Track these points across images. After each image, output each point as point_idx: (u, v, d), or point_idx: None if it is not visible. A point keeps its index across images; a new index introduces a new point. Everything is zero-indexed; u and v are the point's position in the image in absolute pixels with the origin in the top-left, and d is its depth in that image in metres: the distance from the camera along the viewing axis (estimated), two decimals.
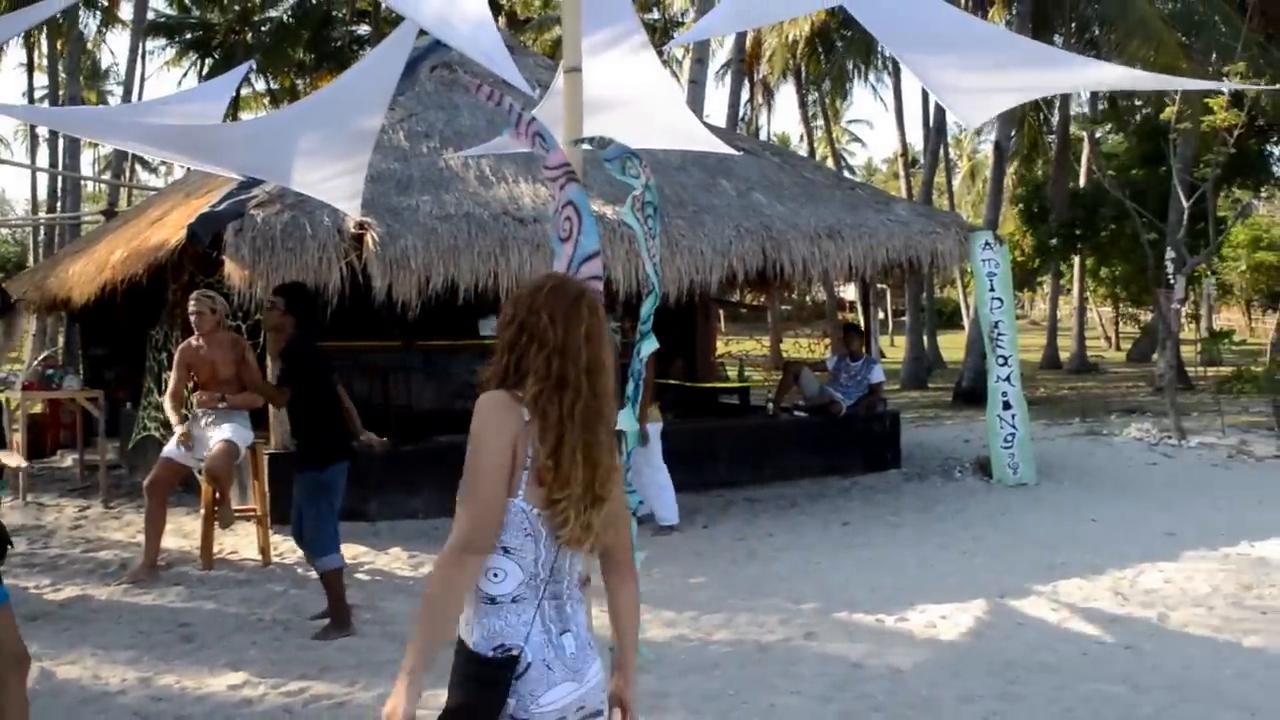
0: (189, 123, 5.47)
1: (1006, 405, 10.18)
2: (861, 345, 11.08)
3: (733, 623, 5.85)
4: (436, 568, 2.20)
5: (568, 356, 2.21)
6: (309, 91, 28.43)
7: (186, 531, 7.91)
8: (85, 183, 32.43)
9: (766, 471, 10.06)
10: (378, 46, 5.32)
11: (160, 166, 38.81)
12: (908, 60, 4.49)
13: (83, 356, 14.13)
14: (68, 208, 21.80)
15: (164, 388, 7.69)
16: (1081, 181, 26.91)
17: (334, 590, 5.69)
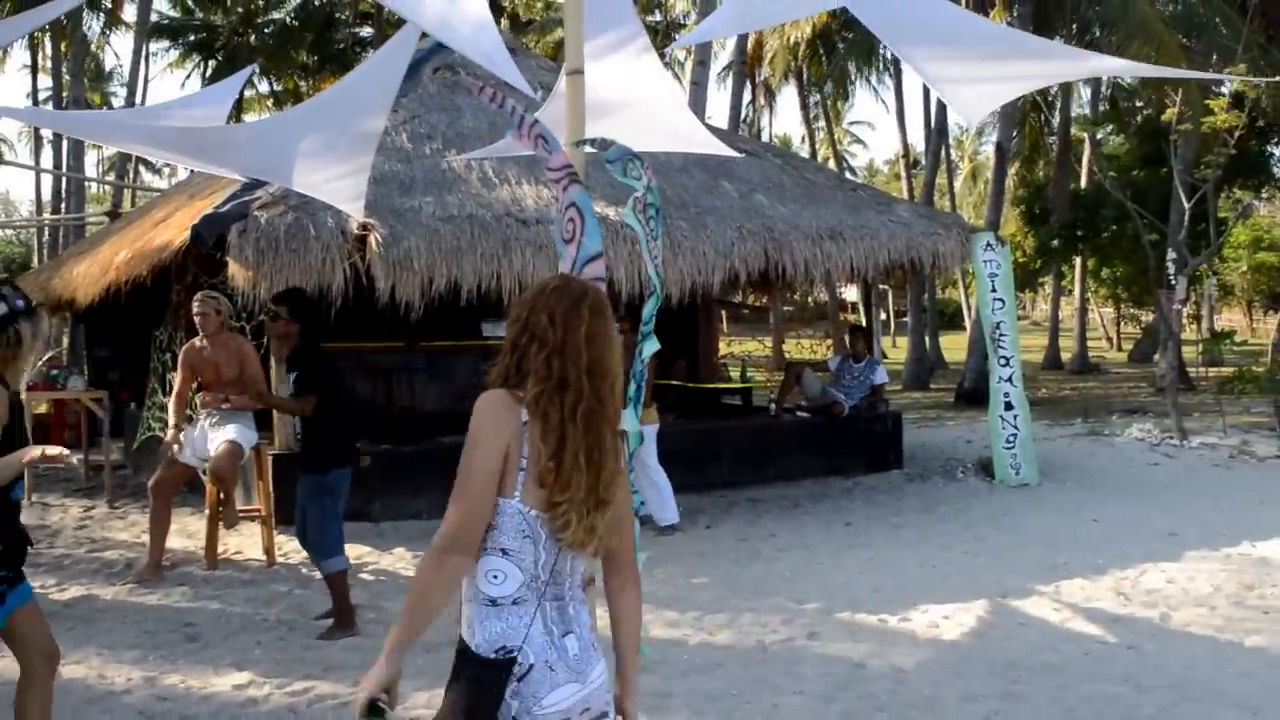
0: (193, 125, 5.49)
1: (1008, 406, 10.19)
2: (865, 346, 11.10)
3: (735, 623, 5.87)
4: (418, 568, 2.23)
5: (568, 357, 2.21)
6: (312, 93, 28.44)
7: (191, 532, 7.94)
8: (89, 184, 32.51)
9: (769, 472, 10.07)
10: (381, 49, 5.33)
11: (164, 168, 38.80)
12: (908, 55, 4.49)
13: (87, 357, 14.15)
14: (72, 209, 21.83)
15: (168, 388, 7.72)
16: (1083, 183, 26.91)
17: (338, 591, 5.71)
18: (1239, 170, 21.94)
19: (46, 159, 31.21)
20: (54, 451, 3.41)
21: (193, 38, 33.50)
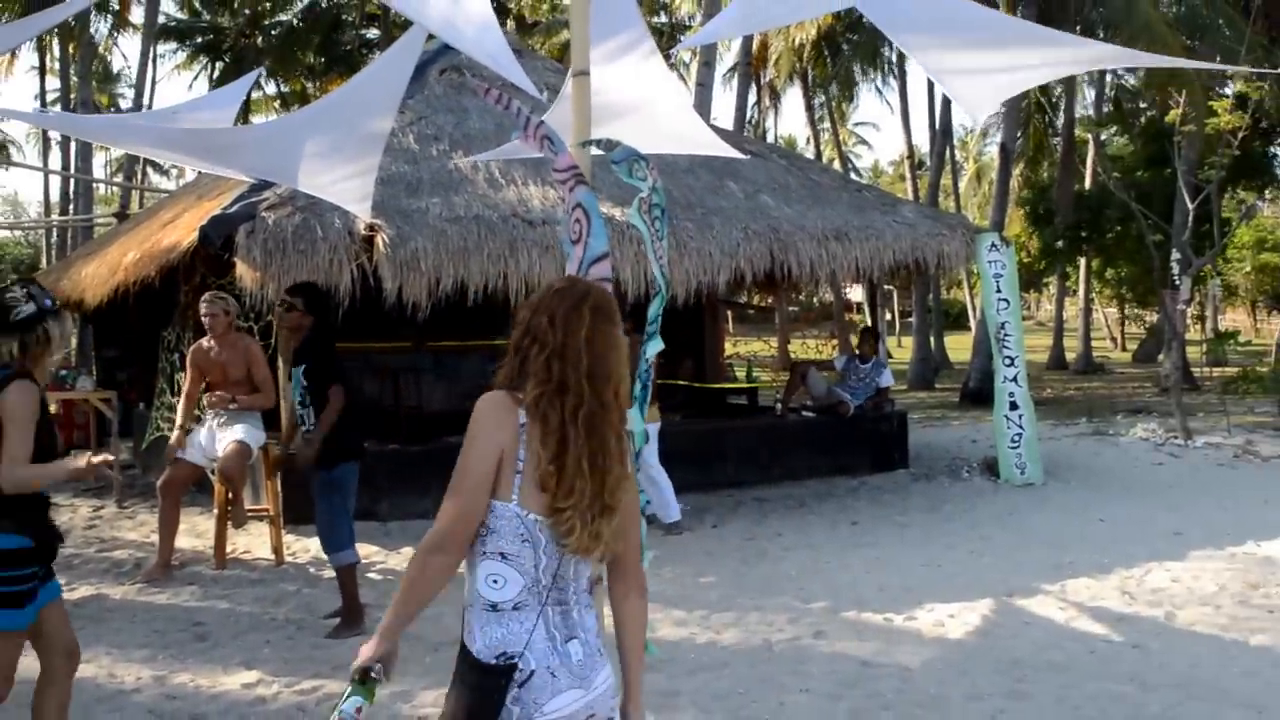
0: (200, 128, 5.53)
1: (1013, 405, 10.20)
2: (874, 348, 11.14)
3: (742, 621, 5.89)
4: (408, 566, 2.26)
5: (567, 360, 2.19)
6: (319, 95, 28.49)
7: (200, 531, 7.97)
8: (97, 185, 32.59)
9: (775, 471, 10.10)
10: (387, 50, 5.36)
11: (172, 169, 38.95)
12: (913, 47, 4.49)
13: (95, 357, 14.21)
14: (80, 210, 21.92)
15: (176, 388, 7.74)
16: (1087, 184, 26.89)
17: (347, 587, 5.73)
18: (1242, 171, 21.96)
19: (55, 160, 31.38)
20: (99, 459, 3.45)
21: (200, 40, 33.58)
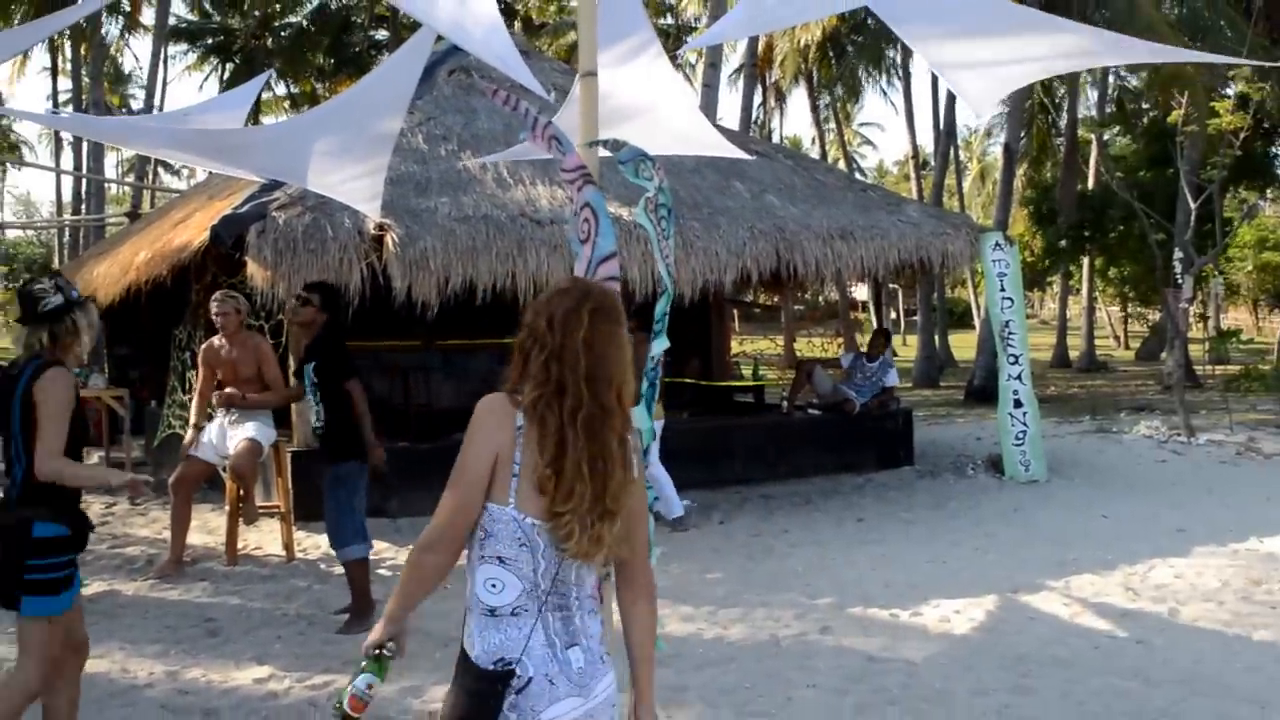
0: (211, 128, 5.58)
1: (1018, 403, 10.23)
2: (884, 347, 11.21)
3: (749, 617, 5.92)
4: (405, 561, 2.28)
5: (565, 362, 2.16)
6: (328, 96, 28.57)
7: (212, 528, 8.00)
8: (109, 185, 32.66)
9: (781, 469, 10.14)
10: (396, 52, 5.39)
11: (183, 170, 39.03)
12: (918, 38, 4.51)
13: (108, 356, 14.27)
14: (92, 210, 22.00)
15: (188, 386, 7.79)
16: (1090, 183, 26.91)
17: (357, 582, 5.77)
18: (1244, 171, 21.95)
19: (67, 160, 31.43)
20: (141, 478, 3.72)
21: (210, 41, 33.71)
